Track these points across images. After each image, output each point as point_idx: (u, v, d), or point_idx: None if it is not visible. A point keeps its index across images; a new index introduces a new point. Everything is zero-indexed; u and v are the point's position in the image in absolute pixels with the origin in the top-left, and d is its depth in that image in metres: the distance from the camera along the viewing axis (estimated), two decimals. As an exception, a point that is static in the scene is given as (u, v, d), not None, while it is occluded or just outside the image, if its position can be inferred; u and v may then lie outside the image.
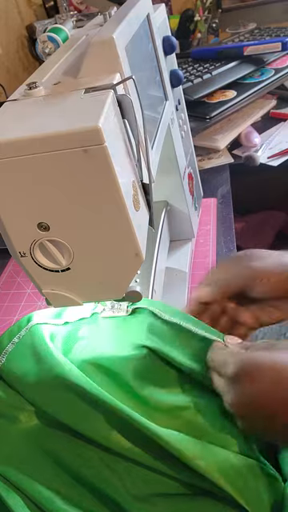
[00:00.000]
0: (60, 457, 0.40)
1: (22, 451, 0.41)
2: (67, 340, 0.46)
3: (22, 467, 0.40)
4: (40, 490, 0.39)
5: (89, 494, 0.39)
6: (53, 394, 0.41)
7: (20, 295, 0.69)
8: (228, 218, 0.78)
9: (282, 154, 0.92)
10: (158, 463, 0.38)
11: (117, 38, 0.36)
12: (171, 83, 0.59)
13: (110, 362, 0.43)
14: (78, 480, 0.39)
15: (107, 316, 0.47)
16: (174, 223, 0.69)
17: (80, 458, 0.40)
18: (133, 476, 0.39)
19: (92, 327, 0.48)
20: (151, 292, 0.52)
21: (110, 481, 0.39)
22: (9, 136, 0.31)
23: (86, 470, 0.39)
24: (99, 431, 0.39)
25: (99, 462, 0.39)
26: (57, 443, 0.41)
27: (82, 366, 0.43)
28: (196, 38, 1.35)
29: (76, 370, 0.41)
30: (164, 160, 0.60)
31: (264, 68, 1.05)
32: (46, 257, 0.36)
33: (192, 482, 0.37)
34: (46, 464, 0.40)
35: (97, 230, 0.35)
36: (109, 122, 0.31)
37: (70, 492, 0.39)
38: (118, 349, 0.44)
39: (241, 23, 1.37)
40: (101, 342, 0.46)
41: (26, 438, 0.42)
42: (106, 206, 0.33)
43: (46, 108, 0.34)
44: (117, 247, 0.36)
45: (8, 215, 0.34)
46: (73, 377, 0.40)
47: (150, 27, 0.49)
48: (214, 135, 0.98)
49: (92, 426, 0.39)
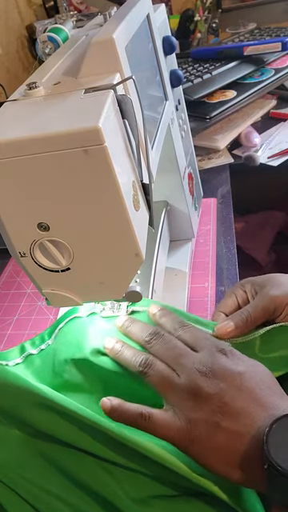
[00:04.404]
0: (57, 461, 0.40)
1: (20, 455, 0.41)
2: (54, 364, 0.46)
3: (19, 471, 0.40)
4: (38, 493, 0.39)
5: (87, 497, 0.39)
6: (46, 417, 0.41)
7: (20, 295, 0.69)
8: (228, 218, 0.78)
9: (282, 154, 0.92)
10: (154, 470, 0.38)
11: (117, 38, 0.35)
12: (171, 83, 0.59)
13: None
14: (75, 483, 0.39)
15: (107, 316, 0.47)
16: (174, 223, 0.69)
17: (77, 462, 0.40)
18: (130, 479, 0.39)
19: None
20: (151, 292, 0.52)
21: (107, 484, 0.39)
22: (9, 136, 0.31)
23: (84, 474, 0.40)
24: (93, 447, 0.39)
25: (96, 466, 0.40)
26: (54, 449, 0.41)
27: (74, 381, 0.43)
28: (196, 38, 1.35)
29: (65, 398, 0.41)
30: (164, 160, 0.60)
31: (264, 68, 1.05)
32: (46, 257, 0.36)
33: (188, 486, 0.37)
34: (43, 468, 0.41)
35: (97, 230, 0.35)
36: (109, 122, 0.31)
37: (68, 495, 0.39)
38: None
39: (241, 23, 1.37)
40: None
41: (24, 442, 0.42)
42: (106, 206, 0.33)
43: (46, 108, 0.34)
44: (117, 247, 0.36)
45: (8, 215, 0.34)
46: (64, 401, 0.40)
47: (150, 27, 0.49)
48: (214, 135, 0.98)
49: (86, 443, 0.40)
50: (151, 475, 0.38)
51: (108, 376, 0.43)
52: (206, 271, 0.66)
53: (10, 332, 0.63)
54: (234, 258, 0.68)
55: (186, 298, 0.61)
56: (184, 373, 0.38)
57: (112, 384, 0.43)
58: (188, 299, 0.61)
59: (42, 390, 0.40)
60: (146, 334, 0.42)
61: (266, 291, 0.46)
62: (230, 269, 0.66)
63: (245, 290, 0.48)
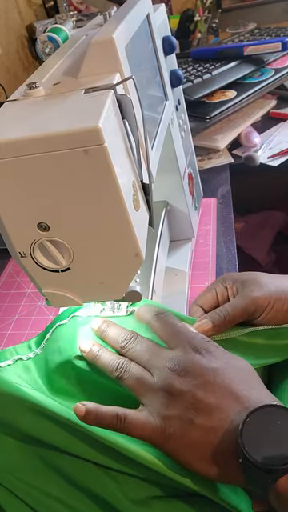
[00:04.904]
0: (56, 463, 0.40)
1: (18, 459, 0.41)
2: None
3: (18, 474, 0.40)
4: (37, 495, 0.39)
5: (87, 499, 0.39)
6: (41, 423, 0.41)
7: (20, 295, 0.69)
8: (228, 218, 0.78)
9: (282, 154, 0.92)
10: (147, 474, 0.38)
11: (117, 38, 0.35)
12: (171, 83, 0.59)
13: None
14: (75, 485, 0.39)
15: (107, 316, 0.47)
16: (174, 223, 0.69)
17: (76, 464, 0.40)
18: (128, 481, 0.39)
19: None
20: (151, 292, 0.52)
21: (107, 485, 0.39)
22: (9, 136, 0.31)
23: (83, 476, 0.39)
24: (87, 453, 0.39)
25: (95, 468, 0.39)
26: (51, 452, 0.41)
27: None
28: (196, 38, 1.35)
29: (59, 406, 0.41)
30: (164, 160, 0.60)
31: (264, 68, 1.05)
32: (46, 257, 0.36)
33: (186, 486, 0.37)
34: (42, 470, 0.40)
35: (97, 230, 0.35)
36: (109, 122, 0.31)
37: (68, 497, 0.39)
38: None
39: (241, 23, 1.37)
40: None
41: (22, 445, 0.42)
42: (106, 206, 0.33)
43: (46, 108, 0.34)
44: (117, 247, 0.36)
45: (8, 215, 0.34)
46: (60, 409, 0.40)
47: (150, 27, 0.49)
48: (214, 135, 0.98)
49: (80, 450, 0.40)
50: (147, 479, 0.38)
51: (93, 379, 0.43)
52: (206, 271, 0.66)
53: (10, 332, 0.63)
54: (234, 258, 0.68)
55: (185, 298, 0.61)
56: (157, 372, 0.38)
57: (97, 387, 0.43)
58: (188, 299, 0.61)
59: (35, 396, 0.40)
60: (121, 339, 0.42)
61: (247, 291, 0.45)
62: (229, 269, 0.66)
63: (226, 286, 0.48)
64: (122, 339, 0.42)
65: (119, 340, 0.42)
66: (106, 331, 0.44)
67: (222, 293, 0.48)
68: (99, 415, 0.37)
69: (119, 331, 0.44)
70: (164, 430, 0.36)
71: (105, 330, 0.44)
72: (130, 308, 0.47)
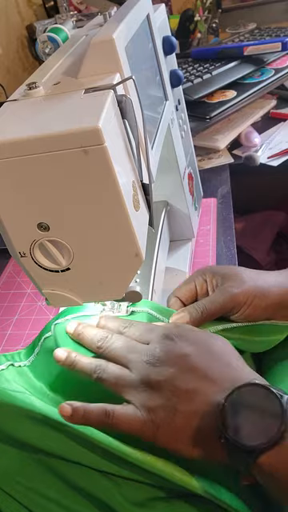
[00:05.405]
0: (55, 466, 0.40)
1: (16, 462, 0.41)
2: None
3: (17, 478, 0.40)
4: (36, 498, 0.39)
5: (86, 502, 0.39)
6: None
7: (20, 295, 0.69)
8: (228, 217, 0.78)
9: (282, 154, 0.92)
10: (148, 477, 0.38)
11: (117, 38, 0.35)
12: (171, 83, 0.59)
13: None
14: (74, 488, 0.39)
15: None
16: (174, 223, 0.69)
17: (75, 467, 0.40)
18: (128, 483, 0.39)
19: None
20: (151, 292, 0.52)
21: (106, 488, 0.39)
22: (9, 136, 0.31)
23: (83, 479, 0.39)
24: (87, 459, 0.39)
25: (95, 471, 0.39)
26: (51, 457, 0.41)
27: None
28: (196, 38, 1.35)
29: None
30: (164, 160, 0.60)
31: (264, 68, 1.05)
32: (45, 257, 0.36)
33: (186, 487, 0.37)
34: (41, 473, 0.40)
35: (97, 230, 0.35)
36: (109, 122, 0.31)
37: (67, 500, 0.39)
38: None
39: (241, 23, 1.37)
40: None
41: (19, 451, 0.42)
42: (106, 206, 0.33)
43: (45, 108, 0.34)
44: (117, 247, 0.36)
45: (8, 215, 0.34)
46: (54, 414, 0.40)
47: (150, 27, 0.49)
48: (214, 135, 0.98)
49: (80, 457, 0.40)
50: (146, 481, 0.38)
51: (81, 382, 0.43)
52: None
53: (10, 332, 0.63)
54: (234, 258, 0.68)
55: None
56: (134, 367, 0.39)
57: (87, 389, 0.43)
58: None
59: (32, 403, 0.40)
60: (97, 339, 0.42)
61: (227, 287, 0.45)
62: (229, 269, 0.66)
63: (205, 279, 0.48)
64: (97, 339, 0.42)
65: (95, 340, 0.42)
66: (82, 333, 0.44)
67: (201, 285, 0.48)
68: (87, 413, 0.37)
69: (95, 332, 0.43)
70: (152, 421, 0.36)
71: (81, 332, 0.44)
72: (129, 308, 0.47)
